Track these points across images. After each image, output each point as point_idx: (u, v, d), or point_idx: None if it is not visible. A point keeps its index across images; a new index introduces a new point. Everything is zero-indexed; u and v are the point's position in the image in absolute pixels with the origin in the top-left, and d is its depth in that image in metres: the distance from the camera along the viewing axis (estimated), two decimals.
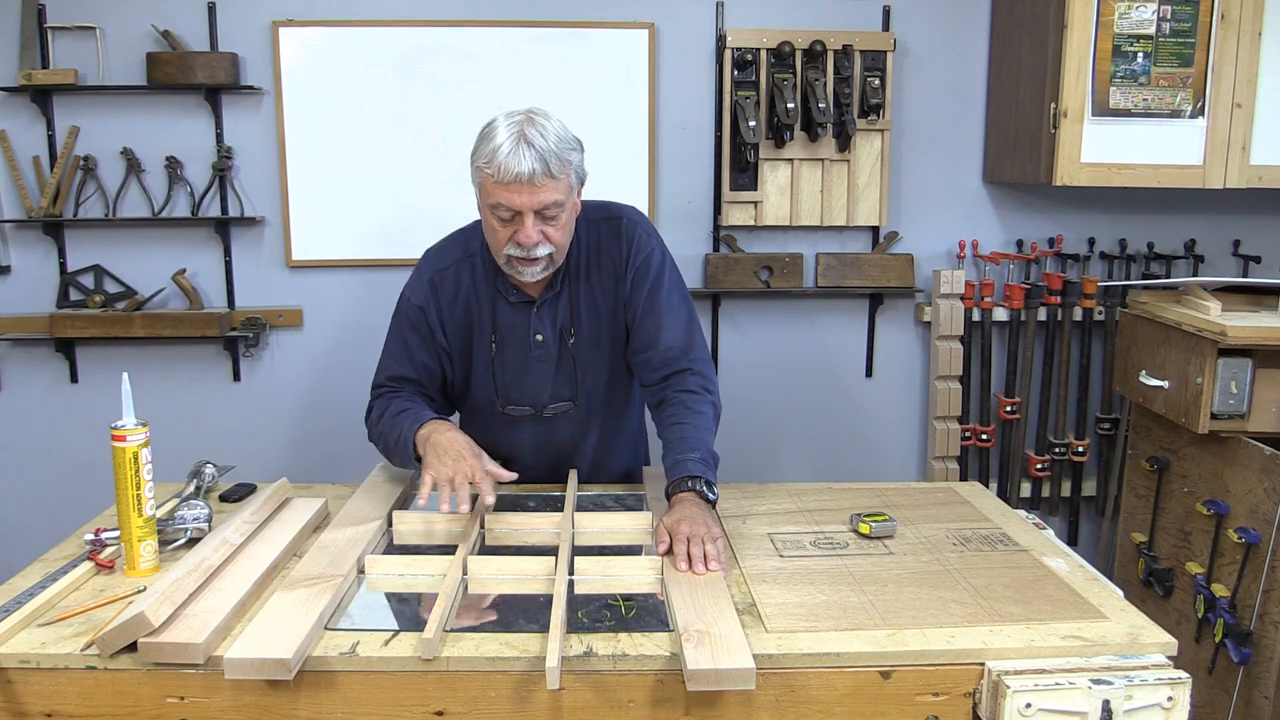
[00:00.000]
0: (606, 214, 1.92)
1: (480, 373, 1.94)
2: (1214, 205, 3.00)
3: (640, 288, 1.88)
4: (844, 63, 2.80)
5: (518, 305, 1.90)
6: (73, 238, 2.81)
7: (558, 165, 1.70)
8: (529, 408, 1.95)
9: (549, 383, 1.94)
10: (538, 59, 2.80)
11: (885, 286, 2.95)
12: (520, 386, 1.94)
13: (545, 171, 1.69)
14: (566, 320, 1.90)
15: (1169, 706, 1.33)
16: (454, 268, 1.91)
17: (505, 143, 1.69)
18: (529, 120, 1.72)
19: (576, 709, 1.33)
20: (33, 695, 1.34)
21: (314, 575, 1.51)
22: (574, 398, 1.96)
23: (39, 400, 2.89)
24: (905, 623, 1.42)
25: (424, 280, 1.93)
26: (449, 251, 1.95)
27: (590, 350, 1.93)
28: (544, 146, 1.69)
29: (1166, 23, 2.57)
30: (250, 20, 2.74)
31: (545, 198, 1.71)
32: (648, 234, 1.92)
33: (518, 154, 1.67)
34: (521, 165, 1.67)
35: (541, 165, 1.68)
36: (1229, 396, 2.33)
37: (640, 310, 1.89)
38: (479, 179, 1.76)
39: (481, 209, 1.80)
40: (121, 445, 1.53)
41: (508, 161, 1.67)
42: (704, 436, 1.80)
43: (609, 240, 1.89)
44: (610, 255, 1.89)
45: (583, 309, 1.90)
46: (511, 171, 1.67)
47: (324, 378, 2.93)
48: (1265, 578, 2.26)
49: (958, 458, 3.01)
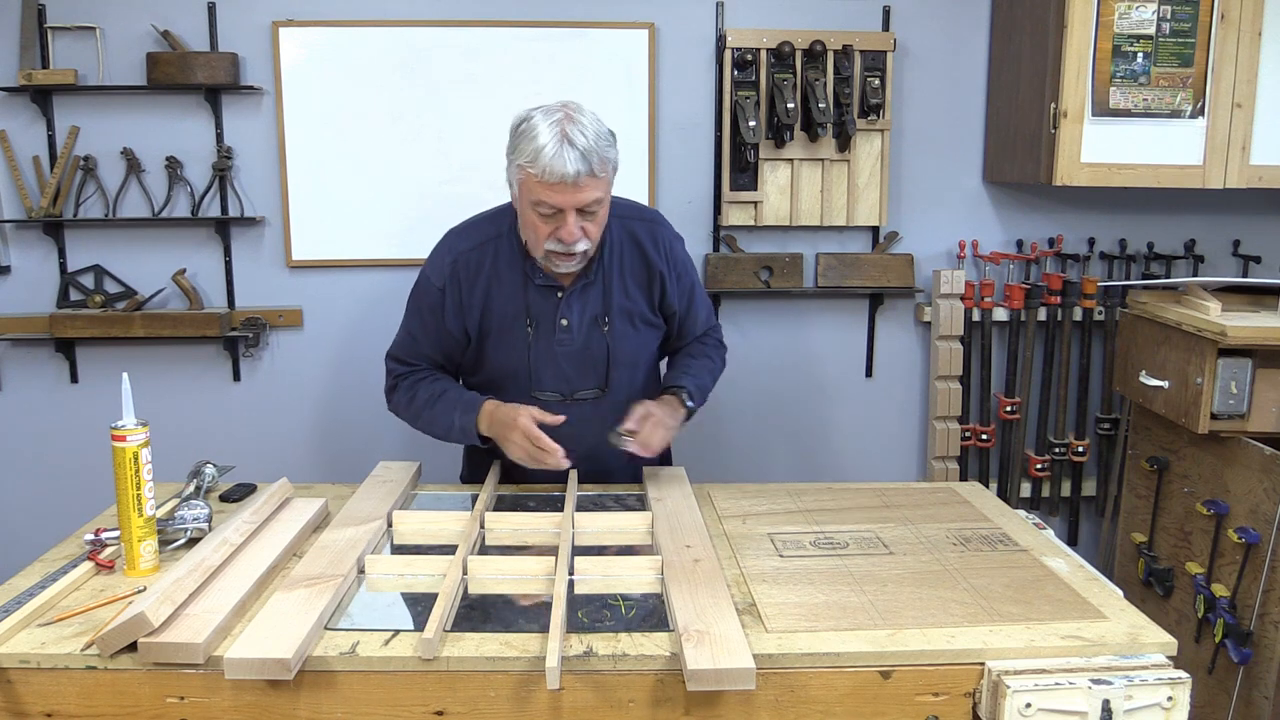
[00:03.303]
0: (639, 214, 2.03)
1: (509, 355, 1.97)
2: (1214, 205, 3.00)
3: (684, 288, 2.05)
4: (844, 63, 2.80)
5: (546, 291, 1.94)
6: (73, 238, 2.81)
7: (599, 164, 1.75)
8: (557, 393, 1.98)
9: (576, 368, 1.98)
10: (538, 59, 2.80)
11: (885, 286, 2.95)
12: (550, 371, 1.97)
13: (589, 172, 1.74)
14: (600, 309, 1.96)
15: (1169, 706, 1.33)
16: (478, 250, 1.95)
17: (549, 143, 1.72)
18: (569, 118, 1.75)
19: (576, 709, 1.33)
20: (33, 695, 1.34)
21: (314, 575, 1.51)
22: (603, 384, 2.00)
23: (39, 400, 2.89)
24: (905, 623, 1.42)
25: (445, 261, 1.97)
26: (474, 233, 1.99)
27: (621, 339, 1.98)
28: (586, 146, 1.73)
29: (1166, 23, 2.57)
30: (250, 20, 2.74)
31: (588, 196, 1.76)
32: (677, 237, 2.07)
33: (563, 155, 1.71)
34: (568, 167, 1.71)
35: (585, 166, 1.73)
36: (1229, 396, 2.34)
37: (685, 307, 2.07)
38: (520, 177, 1.79)
39: (521, 205, 1.84)
40: (121, 445, 1.53)
41: (553, 164, 1.71)
42: (704, 372, 2.07)
43: (646, 239, 1.99)
44: (646, 254, 1.98)
45: (615, 299, 1.96)
46: (558, 173, 1.72)
47: (324, 378, 2.93)
48: (1265, 578, 2.26)
49: (958, 458, 3.01)
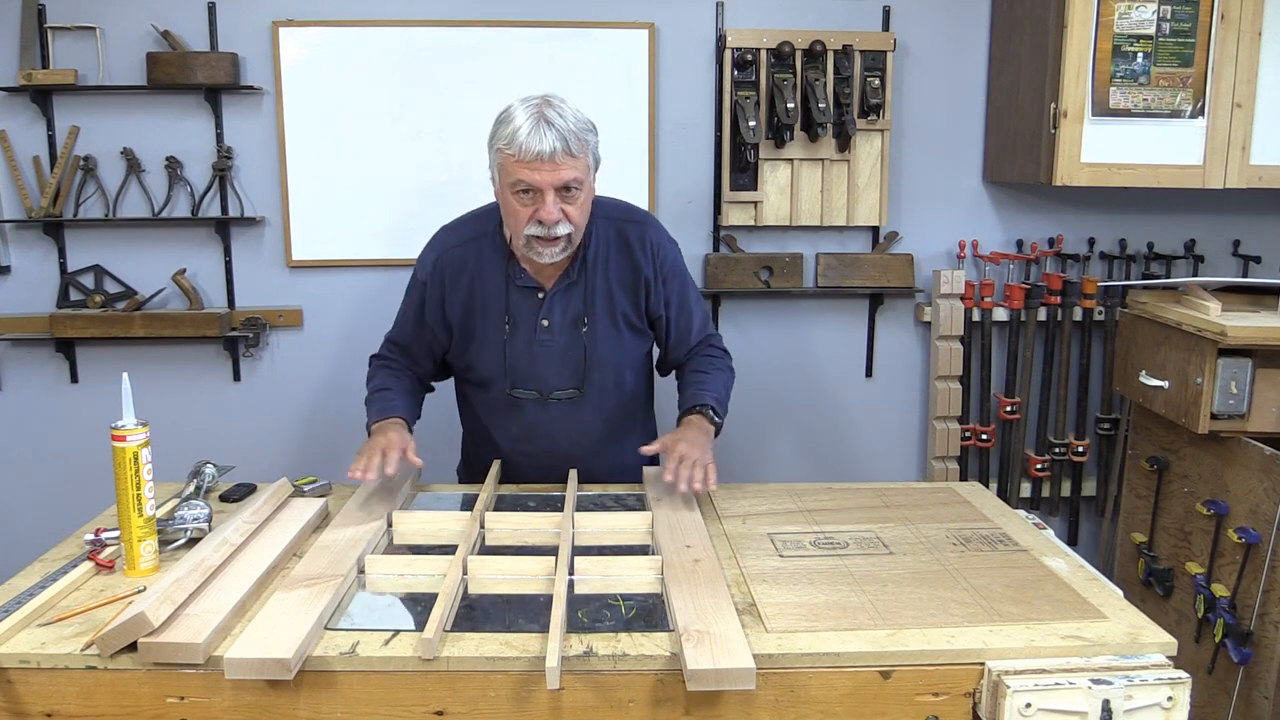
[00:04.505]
0: (628, 215, 2.02)
1: (489, 353, 1.99)
2: (1214, 205, 3.00)
3: (672, 291, 2.03)
4: (844, 63, 2.80)
5: (527, 291, 1.95)
6: (73, 238, 2.81)
7: (577, 145, 1.78)
8: (535, 391, 2.00)
9: (554, 368, 1.98)
10: (538, 59, 2.80)
11: (885, 286, 2.95)
12: (527, 370, 1.98)
13: (565, 150, 1.76)
14: (580, 310, 1.96)
15: (1169, 706, 1.33)
16: (463, 247, 1.98)
17: (525, 123, 1.76)
18: (546, 103, 1.80)
19: (576, 709, 1.33)
20: (33, 695, 1.34)
21: (314, 575, 1.51)
22: (580, 385, 2.00)
23: (39, 400, 2.89)
24: (905, 623, 1.42)
25: (430, 258, 2.00)
26: (462, 230, 2.01)
27: (602, 341, 1.98)
28: (563, 126, 1.77)
29: (1166, 23, 2.57)
30: (250, 20, 2.74)
31: (565, 175, 1.78)
32: (670, 240, 2.05)
33: (538, 133, 1.75)
34: (543, 144, 1.74)
35: (562, 144, 1.75)
36: (1229, 396, 2.33)
37: (675, 310, 2.05)
38: (498, 160, 1.81)
39: (501, 192, 1.86)
40: (121, 445, 1.53)
41: (529, 141, 1.74)
42: (720, 386, 2.04)
43: (635, 241, 1.98)
44: (634, 256, 1.98)
45: (598, 300, 1.96)
46: (533, 150, 1.74)
47: (324, 378, 2.93)
48: (1265, 578, 2.26)
49: (958, 458, 3.01)
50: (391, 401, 2.00)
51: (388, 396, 2.01)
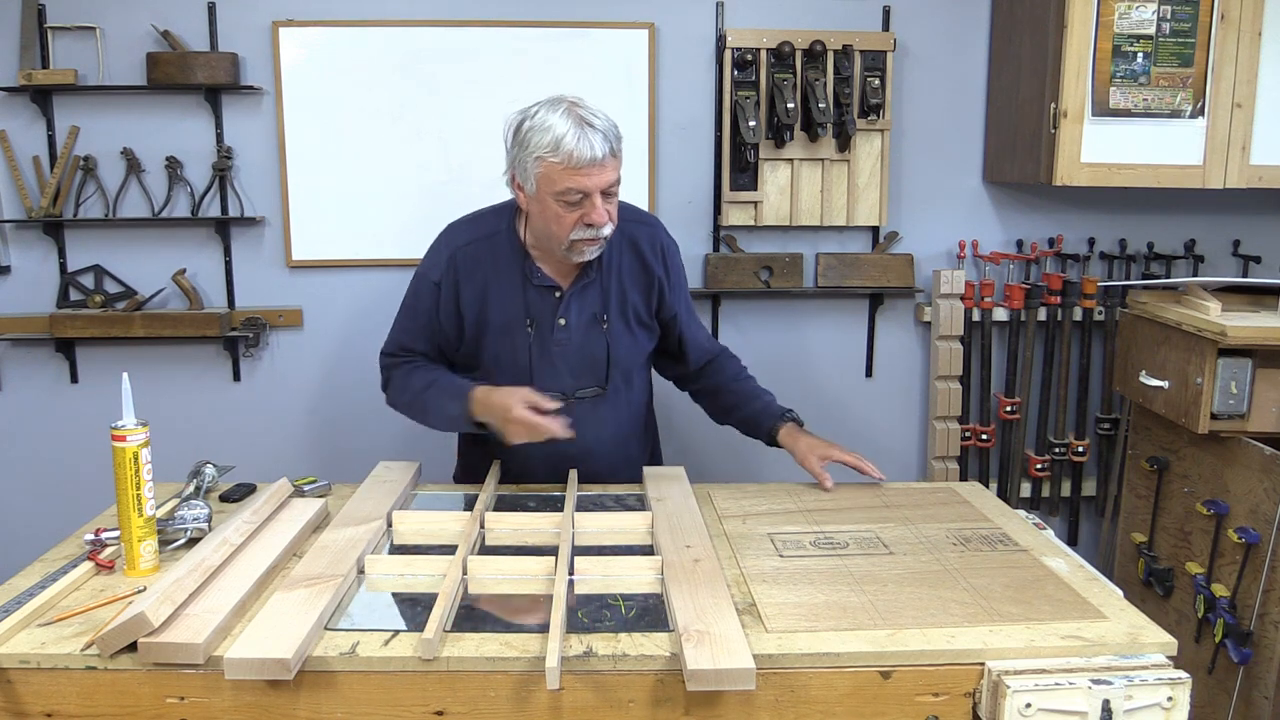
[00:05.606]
0: (636, 217, 2.04)
1: (506, 352, 1.97)
2: (1214, 205, 3.00)
3: (679, 295, 2.07)
4: (844, 63, 2.80)
5: (545, 290, 1.95)
6: (73, 238, 2.81)
7: (617, 143, 1.81)
8: (557, 392, 1.98)
9: (573, 368, 1.99)
10: (538, 59, 2.80)
11: (885, 286, 2.95)
12: (546, 369, 1.98)
13: (611, 152, 1.78)
14: (599, 308, 1.97)
15: (1169, 706, 1.33)
16: (476, 244, 1.96)
17: (569, 130, 1.75)
18: (576, 104, 1.80)
19: (576, 709, 1.33)
20: (33, 695, 1.34)
21: (314, 575, 1.51)
22: (602, 383, 2.01)
23: (39, 400, 2.89)
24: (905, 623, 1.42)
25: (443, 256, 1.97)
26: (474, 228, 2.00)
27: (620, 338, 2.00)
28: (605, 126, 1.78)
29: (1166, 23, 2.57)
30: (250, 20, 2.74)
31: (611, 176, 1.80)
32: (674, 242, 2.09)
33: (586, 138, 1.75)
34: (594, 149, 1.75)
35: (607, 146, 1.77)
36: (1229, 396, 2.33)
37: (681, 314, 2.08)
38: (540, 170, 1.79)
39: (540, 200, 1.83)
40: (121, 445, 1.53)
41: (579, 147, 1.74)
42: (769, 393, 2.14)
43: (644, 243, 2.01)
44: (645, 258, 2.00)
45: (613, 299, 1.97)
46: (585, 156, 1.74)
47: (324, 378, 2.93)
48: (1265, 578, 2.26)
49: (958, 458, 3.01)
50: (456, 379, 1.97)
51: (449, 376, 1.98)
